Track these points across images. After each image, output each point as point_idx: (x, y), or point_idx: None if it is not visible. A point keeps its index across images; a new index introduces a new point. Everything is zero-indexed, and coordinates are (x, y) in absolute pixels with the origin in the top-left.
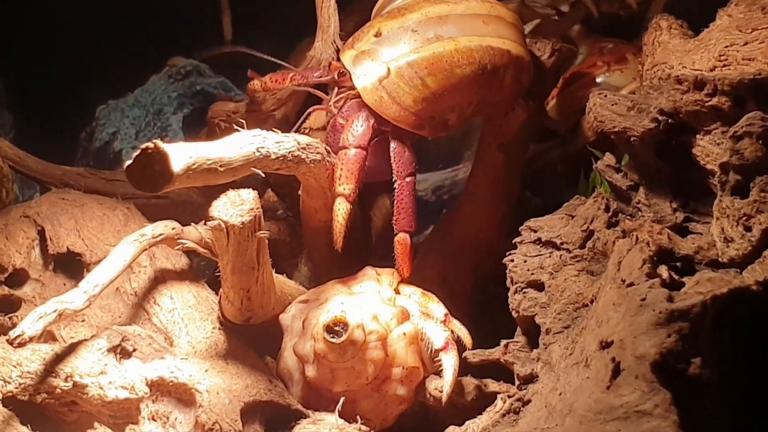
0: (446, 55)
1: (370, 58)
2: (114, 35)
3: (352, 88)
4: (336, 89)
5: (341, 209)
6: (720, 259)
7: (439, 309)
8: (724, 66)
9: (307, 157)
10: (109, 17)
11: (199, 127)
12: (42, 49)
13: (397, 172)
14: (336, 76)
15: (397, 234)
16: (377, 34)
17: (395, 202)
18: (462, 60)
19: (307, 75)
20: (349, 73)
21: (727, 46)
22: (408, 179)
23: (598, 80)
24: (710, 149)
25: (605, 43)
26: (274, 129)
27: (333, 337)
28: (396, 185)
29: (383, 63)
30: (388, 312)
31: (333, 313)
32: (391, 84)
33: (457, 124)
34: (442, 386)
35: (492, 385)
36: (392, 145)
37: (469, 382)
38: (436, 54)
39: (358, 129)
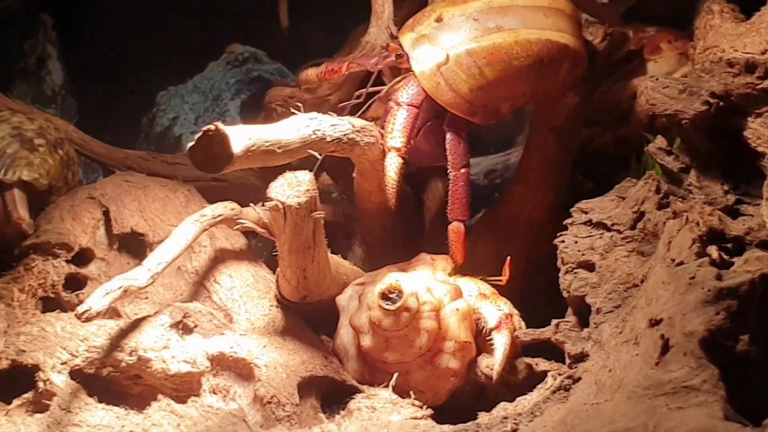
0: (505, 46)
1: (429, 42)
2: (174, 23)
3: (409, 70)
4: (392, 77)
5: (393, 164)
6: None
7: (493, 312)
8: None
9: (362, 140)
10: (169, 5)
11: (256, 112)
12: (104, 37)
13: (453, 163)
14: (394, 57)
15: (450, 223)
16: (438, 19)
17: (450, 192)
18: (521, 52)
19: (364, 62)
20: (407, 55)
21: None
22: (462, 170)
23: None
24: (761, 132)
25: (646, 31)
26: (330, 113)
27: (388, 304)
28: (451, 176)
29: (442, 49)
30: (442, 288)
31: (388, 282)
32: (448, 71)
33: (508, 113)
34: (493, 364)
35: (543, 364)
36: (448, 136)
37: (521, 361)
38: (496, 45)
39: (412, 89)
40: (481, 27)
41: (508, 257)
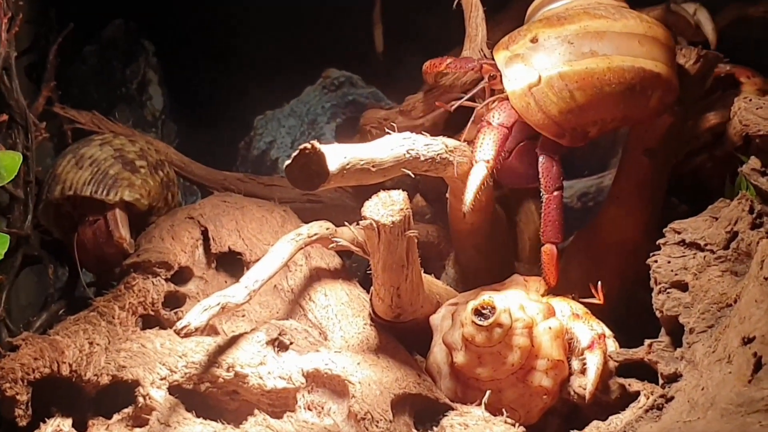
0: (598, 72)
1: (523, 62)
2: (271, 48)
3: (502, 90)
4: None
5: (478, 172)
6: None
7: (586, 332)
8: None
9: (455, 160)
10: (267, 31)
11: (351, 136)
12: (203, 62)
13: (545, 186)
14: (487, 79)
15: (543, 245)
16: (533, 40)
17: (543, 214)
18: (613, 79)
19: (463, 64)
20: (500, 74)
21: None
22: (555, 193)
23: None
24: None
25: (720, 67)
26: (423, 133)
27: (481, 320)
28: (543, 199)
29: (535, 70)
30: (535, 306)
31: (481, 298)
32: (539, 92)
33: (596, 136)
34: (586, 384)
35: (636, 385)
36: (540, 159)
37: (614, 381)
38: (589, 70)
39: (504, 111)
40: (576, 51)
41: (599, 282)
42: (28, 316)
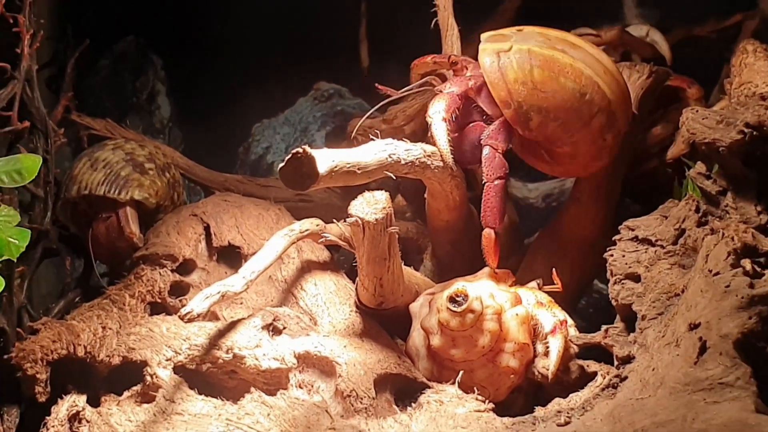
0: (561, 63)
1: (503, 38)
2: (267, 63)
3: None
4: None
5: (438, 126)
6: None
7: (549, 318)
8: None
9: (432, 164)
10: (263, 48)
11: (339, 142)
12: (207, 75)
13: (487, 175)
14: (450, 66)
15: (483, 230)
16: (519, 30)
17: (482, 201)
18: (570, 74)
19: (444, 57)
20: (466, 64)
21: None
22: (496, 182)
23: None
24: None
25: None
26: (404, 139)
27: (455, 306)
28: (484, 186)
29: (510, 42)
30: (504, 295)
31: (455, 287)
32: (505, 56)
33: (535, 131)
34: (548, 365)
35: (593, 366)
36: (485, 150)
37: (574, 362)
38: (555, 57)
39: (456, 83)
40: (550, 44)
41: (554, 268)
42: (47, 303)
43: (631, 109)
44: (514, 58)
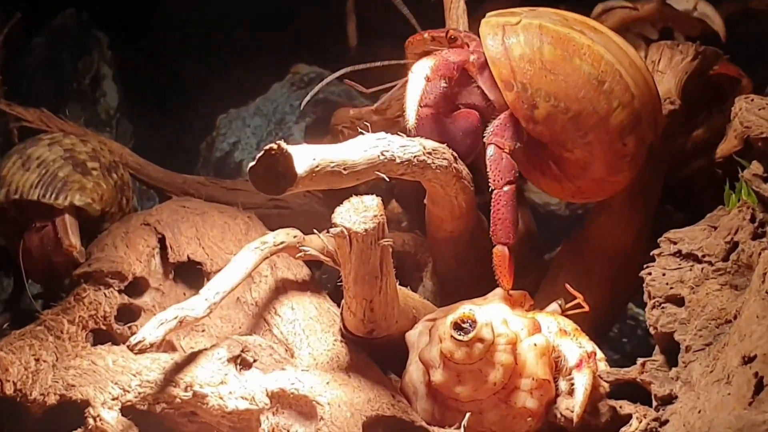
0: (578, 43)
1: (512, 13)
2: (235, 41)
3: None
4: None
5: (415, 80)
6: None
7: (574, 350)
8: None
9: (433, 163)
10: (231, 23)
11: (321, 136)
12: (162, 56)
13: (493, 180)
14: (447, 41)
15: (494, 246)
16: (533, 10)
17: (492, 211)
18: (587, 56)
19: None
20: (465, 40)
21: None
22: (506, 188)
23: None
24: None
25: None
26: (399, 133)
27: (460, 334)
28: (492, 194)
29: (520, 16)
30: (519, 321)
31: (461, 311)
32: (511, 30)
33: (541, 124)
34: (573, 406)
35: (627, 407)
36: (489, 151)
37: (604, 403)
38: (570, 36)
39: (455, 52)
40: (566, 22)
41: (568, 286)
42: None
43: (661, 117)
44: (521, 32)
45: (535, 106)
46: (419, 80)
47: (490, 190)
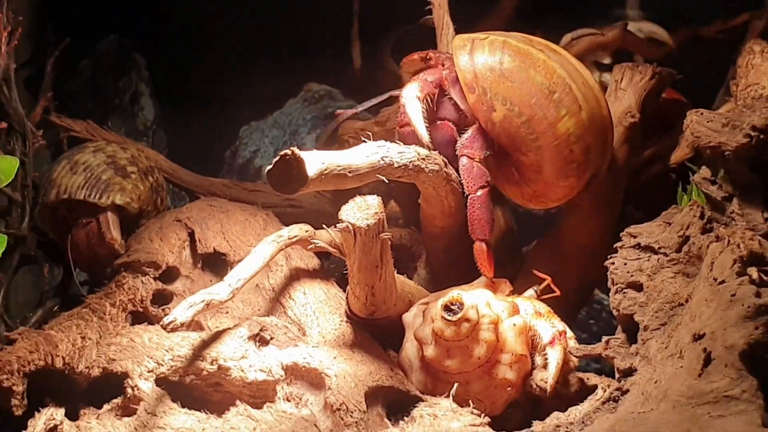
0: (535, 57)
1: (482, 33)
2: (255, 63)
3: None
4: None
5: (412, 104)
6: None
7: (548, 329)
8: None
9: (426, 167)
10: (251, 47)
11: (330, 145)
12: (192, 76)
13: (468, 187)
14: (424, 60)
15: (474, 243)
16: (503, 32)
17: (468, 213)
18: (541, 69)
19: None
20: (444, 60)
21: None
22: (479, 192)
23: None
24: None
25: None
26: (397, 141)
27: (450, 315)
28: (468, 199)
29: (488, 34)
30: (501, 304)
31: (450, 295)
32: (479, 43)
33: (498, 126)
34: (547, 378)
35: (593, 379)
36: (462, 161)
37: (573, 375)
38: (529, 52)
39: (431, 72)
40: (529, 42)
41: (539, 274)
42: (24, 312)
43: (611, 138)
44: (487, 45)
45: (493, 108)
46: (414, 102)
47: (465, 195)
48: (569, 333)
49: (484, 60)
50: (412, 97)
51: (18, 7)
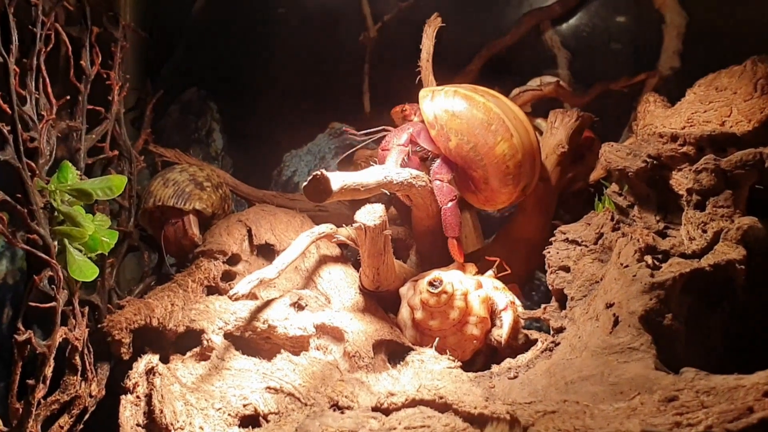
0: (477, 100)
1: (440, 87)
2: (295, 107)
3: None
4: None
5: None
6: (686, 252)
7: (502, 299)
8: (691, 126)
9: (417, 184)
10: (292, 98)
11: (347, 167)
12: (250, 116)
13: (441, 201)
14: (400, 112)
15: (448, 239)
16: (456, 84)
17: (442, 219)
18: (482, 109)
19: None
20: (413, 112)
21: (692, 113)
22: (449, 204)
23: None
24: (681, 180)
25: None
26: (376, 159)
27: (432, 288)
28: (442, 210)
29: (444, 86)
30: (469, 281)
31: (433, 275)
32: (437, 93)
33: (454, 151)
34: (501, 334)
35: (535, 334)
36: (435, 183)
37: (521, 332)
38: (473, 96)
39: (400, 133)
40: (475, 90)
41: (498, 259)
42: (131, 286)
43: (538, 158)
44: (443, 93)
45: (449, 138)
46: (397, 149)
47: (440, 207)
48: (517, 302)
49: (441, 104)
50: (397, 147)
51: (127, 68)
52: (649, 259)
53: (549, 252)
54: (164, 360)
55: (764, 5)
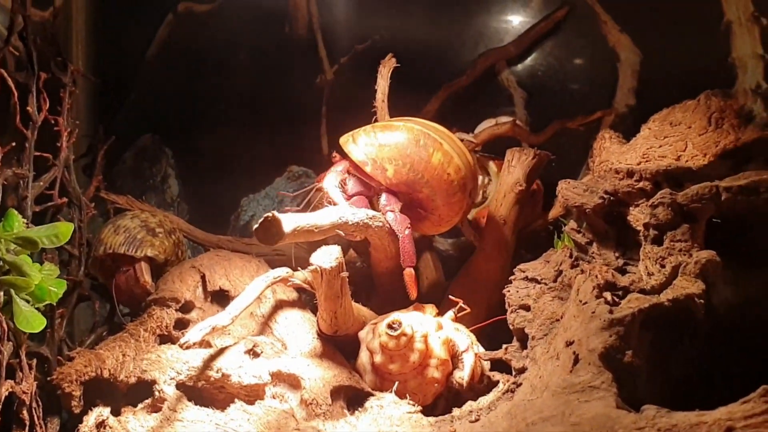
0: (395, 125)
1: (355, 130)
2: (252, 151)
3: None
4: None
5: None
6: (645, 287)
7: (464, 340)
8: (646, 161)
9: (373, 224)
10: (249, 141)
11: (306, 209)
12: (207, 161)
13: (397, 230)
14: (332, 159)
15: (404, 269)
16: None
17: (400, 248)
18: (403, 129)
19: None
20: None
21: (648, 148)
22: (406, 232)
23: None
24: (638, 216)
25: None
26: (351, 205)
27: (391, 331)
28: (399, 239)
29: (360, 128)
30: (429, 322)
31: (392, 317)
32: (357, 134)
33: (394, 178)
34: (463, 376)
35: (497, 376)
36: (388, 216)
37: (482, 374)
38: (390, 123)
39: (334, 172)
40: (390, 119)
41: (460, 301)
42: (81, 336)
43: (473, 159)
44: (362, 132)
45: (384, 169)
46: (335, 189)
47: (398, 236)
48: (477, 344)
49: (364, 141)
50: (332, 186)
51: (77, 114)
52: (608, 295)
53: (509, 291)
54: (116, 413)
55: (716, 40)
